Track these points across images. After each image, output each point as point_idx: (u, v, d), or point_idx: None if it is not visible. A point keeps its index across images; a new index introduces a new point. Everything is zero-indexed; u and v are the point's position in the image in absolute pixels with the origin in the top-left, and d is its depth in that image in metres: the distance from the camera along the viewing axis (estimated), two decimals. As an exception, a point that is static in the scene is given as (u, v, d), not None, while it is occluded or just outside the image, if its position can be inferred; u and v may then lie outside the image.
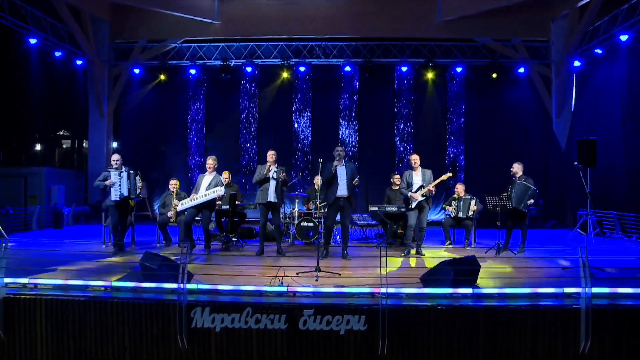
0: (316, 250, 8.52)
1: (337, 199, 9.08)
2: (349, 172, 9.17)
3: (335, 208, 9.17)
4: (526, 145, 17.68)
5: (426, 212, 9.64)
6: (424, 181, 9.59)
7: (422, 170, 9.77)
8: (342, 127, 17.94)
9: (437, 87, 17.89)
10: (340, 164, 9.15)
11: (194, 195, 9.50)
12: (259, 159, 17.97)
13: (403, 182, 9.84)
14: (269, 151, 9.79)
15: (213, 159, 9.86)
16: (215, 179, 9.66)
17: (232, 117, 18.20)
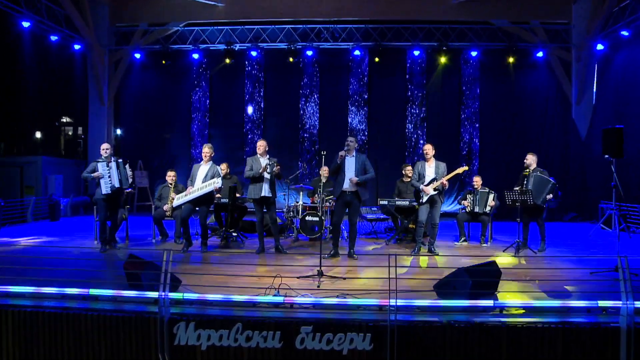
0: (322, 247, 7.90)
1: (343, 193, 8.38)
2: (359, 164, 8.44)
3: (342, 203, 8.45)
4: (544, 132, 16.82)
5: (439, 208, 8.93)
6: (437, 174, 8.87)
7: (436, 162, 9.04)
8: (351, 113, 17.18)
9: (450, 72, 17.02)
10: (350, 155, 8.44)
11: (190, 188, 8.82)
12: (265, 147, 17.26)
13: (415, 173, 9.12)
14: (259, 142, 9.14)
15: (209, 147, 9.14)
16: (212, 169, 8.95)
17: (237, 103, 17.49)
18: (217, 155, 17.63)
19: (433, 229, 8.95)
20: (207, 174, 8.84)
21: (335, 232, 8.70)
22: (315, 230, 10.30)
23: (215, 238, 10.42)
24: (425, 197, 8.83)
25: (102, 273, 6.75)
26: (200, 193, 8.63)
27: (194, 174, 8.97)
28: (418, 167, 9.11)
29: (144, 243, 9.90)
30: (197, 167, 9.08)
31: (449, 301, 5.40)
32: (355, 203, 8.42)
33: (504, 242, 10.52)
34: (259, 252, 8.79)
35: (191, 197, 8.67)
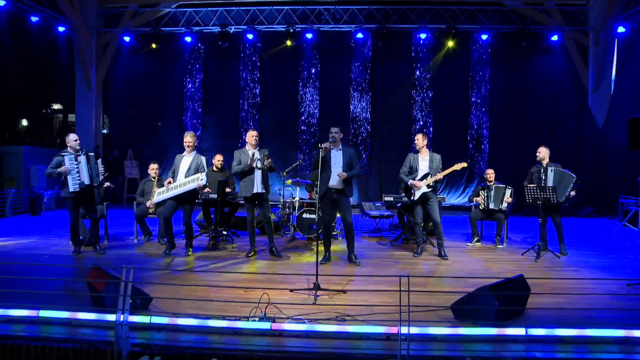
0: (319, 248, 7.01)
1: (328, 191, 7.39)
2: (346, 157, 7.44)
3: (328, 202, 7.46)
4: (558, 121, 15.86)
5: (436, 204, 7.98)
6: (432, 168, 7.91)
7: (430, 154, 8.05)
8: (354, 100, 16.19)
9: (459, 57, 16.00)
10: (336, 148, 7.49)
11: (170, 180, 7.82)
12: (261, 136, 16.27)
13: (405, 166, 8.12)
14: (250, 132, 8.16)
15: (192, 136, 8.03)
16: (196, 161, 7.93)
17: (232, 89, 16.49)
18: (211, 145, 16.88)
19: (437, 229, 8.00)
20: (190, 167, 7.84)
21: (326, 234, 7.71)
22: (313, 229, 9.38)
23: (204, 237, 9.50)
24: (417, 194, 7.91)
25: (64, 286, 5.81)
26: (181, 190, 7.64)
27: (176, 165, 7.95)
28: (410, 159, 8.09)
29: (124, 244, 8.96)
30: (179, 157, 8.01)
31: (472, 329, 4.46)
32: (343, 200, 7.46)
33: (520, 242, 9.62)
34: (249, 255, 7.87)
35: (171, 194, 7.69)
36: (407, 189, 8.12)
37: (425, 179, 7.86)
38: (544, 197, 7.97)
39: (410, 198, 8.01)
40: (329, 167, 7.34)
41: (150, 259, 7.69)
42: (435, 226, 7.97)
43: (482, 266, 7.44)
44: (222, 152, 15.18)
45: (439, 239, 8.03)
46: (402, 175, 8.10)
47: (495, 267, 7.37)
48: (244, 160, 7.80)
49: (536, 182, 8.43)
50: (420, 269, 7.28)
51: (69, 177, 7.68)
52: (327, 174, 7.32)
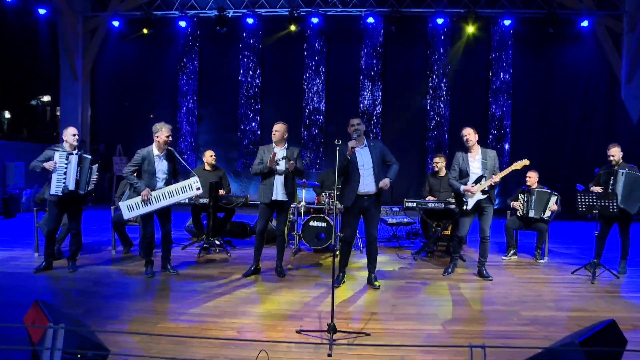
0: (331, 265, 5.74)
1: (359, 199, 5.94)
2: (376, 155, 6.01)
3: (357, 212, 6.02)
4: (586, 114, 14.44)
5: (490, 216, 6.50)
6: (486, 170, 6.43)
7: (483, 151, 6.58)
8: (363, 91, 14.80)
9: (479, 44, 14.61)
10: (360, 145, 6.04)
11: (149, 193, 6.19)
12: (262, 130, 14.96)
13: (453, 169, 6.64)
14: (277, 125, 6.57)
15: (167, 129, 6.38)
16: (173, 160, 6.50)
17: (230, 79, 15.09)
18: (207, 139, 15.48)
19: (484, 245, 6.55)
20: (169, 170, 6.43)
21: (345, 251, 6.29)
22: (321, 238, 8.02)
23: (194, 247, 8.15)
24: (470, 203, 6.41)
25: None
26: (168, 203, 6.26)
27: (150, 163, 6.31)
28: (458, 160, 6.60)
29: (99, 258, 7.57)
30: (149, 153, 6.34)
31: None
32: (373, 210, 6.03)
33: (563, 255, 8.29)
34: (247, 275, 6.49)
35: (152, 209, 6.24)
36: (457, 197, 6.67)
37: (479, 182, 6.41)
38: (600, 205, 6.60)
39: (461, 208, 6.53)
40: (355, 170, 5.91)
41: (125, 279, 6.32)
42: (484, 241, 6.51)
43: (532, 291, 6.08)
44: (219, 147, 14.02)
45: (482, 257, 6.59)
46: (452, 181, 6.61)
47: (548, 292, 6.00)
48: (267, 159, 6.36)
49: (603, 186, 7.02)
50: (461, 293, 5.91)
51: (53, 176, 6.31)
52: (355, 179, 5.91)
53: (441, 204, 7.79)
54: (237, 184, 14.77)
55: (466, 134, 6.59)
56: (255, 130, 14.95)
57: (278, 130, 6.47)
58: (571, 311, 5.23)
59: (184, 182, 6.31)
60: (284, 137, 6.49)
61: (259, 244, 6.56)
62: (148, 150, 6.33)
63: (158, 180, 6.33)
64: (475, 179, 6.43)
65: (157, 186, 6.32)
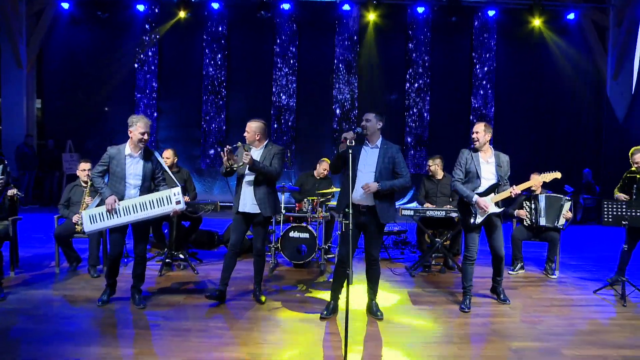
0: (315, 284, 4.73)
1: (354, 208, 4.62)
2: (384, 160, 4.80)
3: (354, 225, 4.65)
4: (572, 112, 13.84)
5: (501, 231, 5.38)
6: (500, 174, 5.33)
7: (496, 154, 5.42)
8: (338, 83, 13.79)
9: (462, 36, 13.84)
10: (371, 144, 4.86)
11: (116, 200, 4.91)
12: (228, 126, 13.76)
13: (458, 169, 5.37)
14: (249, 123, 5.30)
15: (144, 124, 5.00)
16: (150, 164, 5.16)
17: (193, 69, 13.83)
18: (167, 135, 14.17)
19: (499, 264, 5.47)
20: (144, 174, 5.10)
21: (338, 275, 4.97)
22: (302, 252, 6.95)
23: (155, 262, 6.97)
24: (481, 217, 5.23)
25: None
26: (142, 217, 4.96)
27: (117, 171, 5.02)
28: (466, 159, 5.34)
29: (40, 276, 6.30)
30: (116, 153, 5.03)
31: None
32: (374, 227, 4.84)
33: (575, 268, 7.46)
34: (210, 297, 5.24)
35: (124, 221, 4.94)
36: (462, 205, 5.40)
37: (492, 192, 5.25)
38: (632, 215, 5.73)
39: (468, 221, 5.28)
40: (353, 172, 4.58)
41: (69, 310, 5.09)
42: (499, 260, 5.43)
43: (562, 318, 5.14)
44: (180, 144, 12.78)
45: (499, 276, 5.57)
46: (459, 185, 5.30)
47: (580, 321, 5.09)
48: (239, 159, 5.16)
49: (635, 193, 6.15)
50: (482, 323, 4.94)
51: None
52: (348, 182, 4.53)
53: (442, 211, 6.81)
54: (200, 183, 13.54)
55: (475, 130, 5.42)
56: (221, 126, 13.74)
57: (249, 131, 5.27)
58: (620, 348, 4.32)
59: (163, 192, 5.02)
60: (257, 137, 5.25)
61: (228, 262, 5.30)
62: (119, 148, 5.05)
63: (128, 187, 5.03)
64: (489, 187, 5.27)
65: (127, 194, 5.03)
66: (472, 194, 5.16)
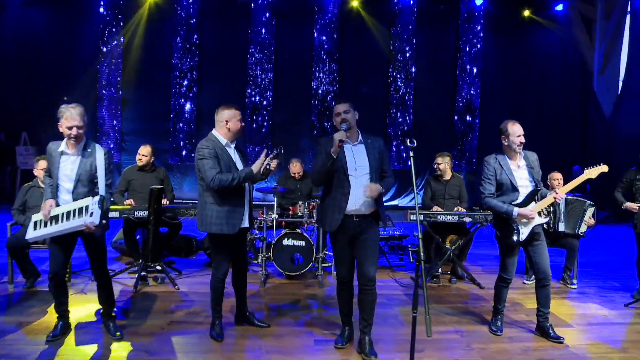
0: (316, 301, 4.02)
1: (348, 219, 3.93)
2: (374, 156, 4.00)
3: (345, 239, 3.98)
4: (559, 105, 13.43)
5: (545, 247, 4.54)
6: (535, 180, 4.48)
7: (526, 155, 4.56)
8: (318, 73, 12.99)
9: (448, 25, 13.25)
10: (353, 141, 4.02)
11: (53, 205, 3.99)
12: (198, 119, 12.79)
13: (487, 181, 4.46)
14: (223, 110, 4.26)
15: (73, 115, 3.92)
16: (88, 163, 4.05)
17: (162, 57, 12.81)
18: (133, 128, 13.10)
19: (544, 290, 4.51)
20: (78, 175, 4.04)
21: (343, 296, 4.19)
22: (297, 262, 6.16)
23: (127, 274, 6.06)
24: (526, 231, 4.38)
25: None
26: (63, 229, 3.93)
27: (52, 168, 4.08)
28: (494, 170, 4.45)
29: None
30: (52, 149, 4.07)
31: None
32: (370, 235, 3.97)
33: (592, 276, 6.91)
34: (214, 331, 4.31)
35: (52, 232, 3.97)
36: (499, 222, 4.52)
37: (532, 200, 4.42)
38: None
39: (511, 240, 4.39)
40: (343, 177, 3.91)
41: (22, 348, 4.15)
42: (544, 284, 4.50)
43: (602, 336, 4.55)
44: (148, 137, 11.77)
45: (544, 307, 4.54)
46: (492, 201, 4.42)
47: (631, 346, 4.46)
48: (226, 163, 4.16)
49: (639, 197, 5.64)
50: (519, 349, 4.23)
51: None
52: (341, 191, 3.92)
53: (454, 216, 6.10)
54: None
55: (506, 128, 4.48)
56: (191, 119, 12.77)
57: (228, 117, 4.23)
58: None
59: (82, 201, 3.95)
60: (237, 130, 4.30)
61: (220, 295, 4.34)
62: (58, 144, 4.09)
63: (61, 190, 4.05)
64: (527, 196, 4.43)
65: (61, 199, 4.06)
66: (511, 208, 4.33)
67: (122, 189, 6.30)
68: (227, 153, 4.19)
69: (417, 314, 3.36)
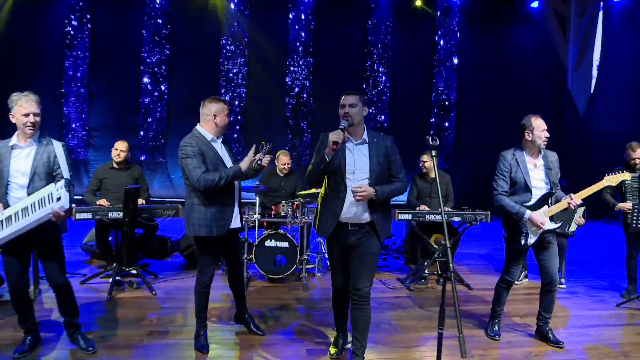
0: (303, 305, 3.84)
1: (342, 229, 3.56)
2: (378, 158, 3.56)
3: (338, 249, 3.66)
4: (533, 102, 13.40)
5: (554, 251, 4.27)
6: (552, 182, 4.24)
7: (545, 154, 4.29)
8: (293, 67, 12.71)
9: (424, 20, 13.11)
10: (356, 139, 3.59)
11: None
12: (169, 115, 12.35)
13: (501, 178, 4.24)
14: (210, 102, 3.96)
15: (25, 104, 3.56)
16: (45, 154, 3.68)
17: (131, 49, 12.27)
18: (101, 123, 12.53)
19: (549, 296, 4.32)
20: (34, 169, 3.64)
21: (338, 305, 3.90)
22: (279, 264, 5.88)
23: (99, 279, 5.69)
24: (534, 235, 4.19)
25: None
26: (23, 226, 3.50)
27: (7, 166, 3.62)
28: (509, 166, 4.21)
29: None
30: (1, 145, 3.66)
31: None
32: (366, 249, 3.56)
33: (574, 273, 6.85)
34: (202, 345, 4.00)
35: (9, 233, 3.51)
36: (508, 221, 4.32)
37: (545, 204, 4.21)
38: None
39: (518, 242, 4.21)
40: (339, 180, 3.51)
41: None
42: (550, 289, 4.30)
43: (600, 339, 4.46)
44: (116, 133, 11.29)
45: (546, 312, 4.36)
46: (504, 199, 4.18)
47: (626, 344, 4.36)
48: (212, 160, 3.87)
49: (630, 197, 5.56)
50: (520, 355, 4.06)
51: None
52: (336, 195, 3.53)
53: (439, 214, 5.92)
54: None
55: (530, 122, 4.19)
56: (162, 114, 12.32)
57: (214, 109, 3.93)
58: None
59: (42, 190, 3.52)
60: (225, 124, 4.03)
61: (205, 302, 4.05)
62: (6, 140, 3.70)
63: (12, 188, 3.63)
64: (540, 198, 4.19)
65: (12, 198, 3.63)
66: (523, 210, 4.11)
67: (94, 188, 5.91)
68: (214, 149, 3.89)
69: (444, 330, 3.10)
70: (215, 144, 3.93)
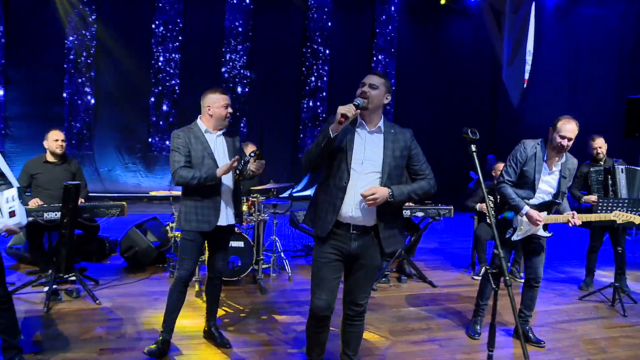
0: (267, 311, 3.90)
1: (341, 231, 3.01)
2: (394, 150, 3.03)
3: (333, 257, 3.03)
4: (470, 95, 13.61)
5: (543, 253, 4.21)
6: (561, 191, 4.09)
7: (567, 157, 4.11)
8: (229, 55, 12.19)
9: (363, 10, 12.89)
10: (370, 126, 3.07)
11: None
12: (97, 102, 11.50)
13: (510, 168, 4.08)
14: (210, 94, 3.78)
15: None
16: None
17: (53, 31, 11.20)
18: (20, 110, 11.31)
19: (531, 292, 4.29)
20: None
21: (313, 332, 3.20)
22: (233, 266, 5.47)
23: (31, 288, 5.04)
24: (521, 232, 4.10)
25: None
26: None
27: None
28: (526, 157, 4.02)
29: None
30: None
31: None
32: (369, 261, 3.09)
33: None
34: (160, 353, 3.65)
35: None
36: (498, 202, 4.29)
37: (546, 212, 4.04)
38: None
39: (504, 233, 4.13)
40: (343, 166, 2.98)
41: None
42: (533, 285, 4.25)
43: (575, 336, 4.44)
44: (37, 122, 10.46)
45: (527, 309, 4.29)
46: (507, 188, 4.02)
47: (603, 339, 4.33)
48: (198, 153, 3.63)
49: (596, 190, 5.58)
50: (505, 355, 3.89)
51: None
52: (337, 184, 2.99)
53: (406, 210, 5.69)
54: None
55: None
56: (88, 102, 11.43)
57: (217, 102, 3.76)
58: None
59: None
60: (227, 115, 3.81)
61: (177, 302, 3.69)
62: None
63: None
64: (540, 204, 4.05)
65: None
66: (522, 204, 3.93)
67: (24, 185, 5.22)
68: (205, 142, 3.67)
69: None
70: (209, 135, 3.72)
